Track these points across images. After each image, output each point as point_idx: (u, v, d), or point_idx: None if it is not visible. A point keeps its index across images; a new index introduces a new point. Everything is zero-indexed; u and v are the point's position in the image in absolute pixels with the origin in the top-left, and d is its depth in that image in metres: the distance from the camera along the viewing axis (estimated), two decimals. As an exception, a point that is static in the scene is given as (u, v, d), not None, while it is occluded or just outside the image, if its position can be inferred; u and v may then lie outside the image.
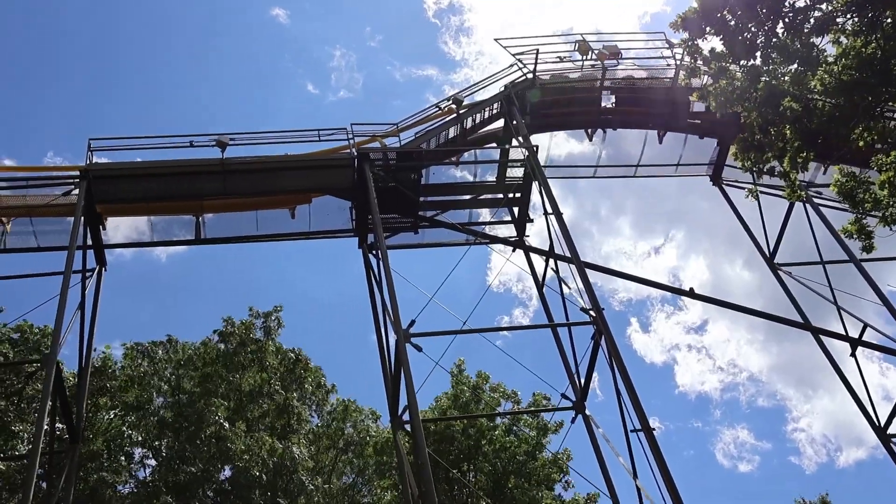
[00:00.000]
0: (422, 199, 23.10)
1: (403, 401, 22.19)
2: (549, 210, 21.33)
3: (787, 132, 13.26)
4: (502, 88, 23.80)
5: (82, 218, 21.03)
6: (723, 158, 25.08)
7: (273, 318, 29.94)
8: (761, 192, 18.92)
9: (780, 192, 18.69)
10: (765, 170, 14.91)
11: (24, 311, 27.20)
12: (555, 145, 25.63)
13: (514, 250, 23.71)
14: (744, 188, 23.78)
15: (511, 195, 23.39)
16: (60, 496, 20.68)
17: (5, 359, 24.63)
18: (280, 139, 23.28)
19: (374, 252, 22.88)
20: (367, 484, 27.96)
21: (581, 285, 19.91)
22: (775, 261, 24.14)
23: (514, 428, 28.00)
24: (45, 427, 18.67)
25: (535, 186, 22.91)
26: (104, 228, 23.00)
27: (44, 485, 22.52)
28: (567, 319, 21.76)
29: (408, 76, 75.25)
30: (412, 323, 19.00)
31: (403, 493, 21.49)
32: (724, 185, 25.57)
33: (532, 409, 26.70)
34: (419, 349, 20.30)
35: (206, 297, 64.70)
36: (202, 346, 28.35)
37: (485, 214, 24.94)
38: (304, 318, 51.03)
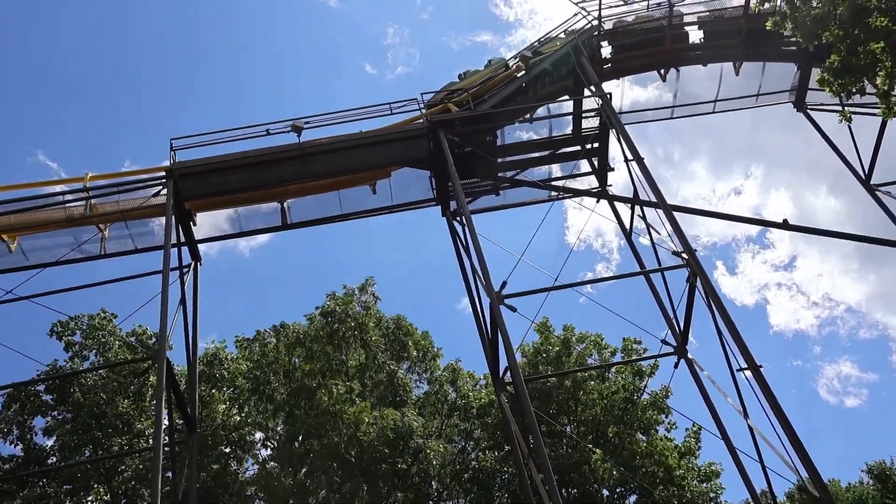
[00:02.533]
0: (499, 160, 23.00)
1: (503, 361, 22.57)
2: (630, 156, 21.01)
3: (878, 50, 12.65)
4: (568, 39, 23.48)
5: (173, 216, 21.70)
6: (805, 83, 24.13)
7: (368, 291, 30.33)
8: (851, 113, 18.19)
9: (871, 111, 17.97)
10: (854, 90, 14.26)
11: (129, 312, 28.21)
12: (619, 95, 25.11)
13: (597, 201, 23.49)
14: (831, 111, 23.03)
15: (589, 146, 23.09)
16: (185, 484, 21.62)
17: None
18: (352, 117, 23.44)
19: (458, 218, 22.97)
20: (477, 448, 28.27)
21: (670, 229, 19.61)
22: (871, 182, 23.25)
23: (611, 374, 27.83)
24: (164, 420, 19.52)
25: (612, 135, 22.64)
26: (195, 224, 23.65)
27: (169, 475, 23.49)
28: (659, 265, 21.51)
29: (463, 44, 74.68)
30: (504, 284, 19.04)
31: (513, 453, 21.70)
32: (808, 110, 24.67)
33: (635, 358, 26.52)
34: (513, 310, 20.38)
35: (293, 285, 66.18)
36: (309, 324, 28.92)
37: (564, 169, 24.73)
38: (391, 292, 51.64)
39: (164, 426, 19.31)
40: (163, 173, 22.27)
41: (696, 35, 23.90)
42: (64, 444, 26.19)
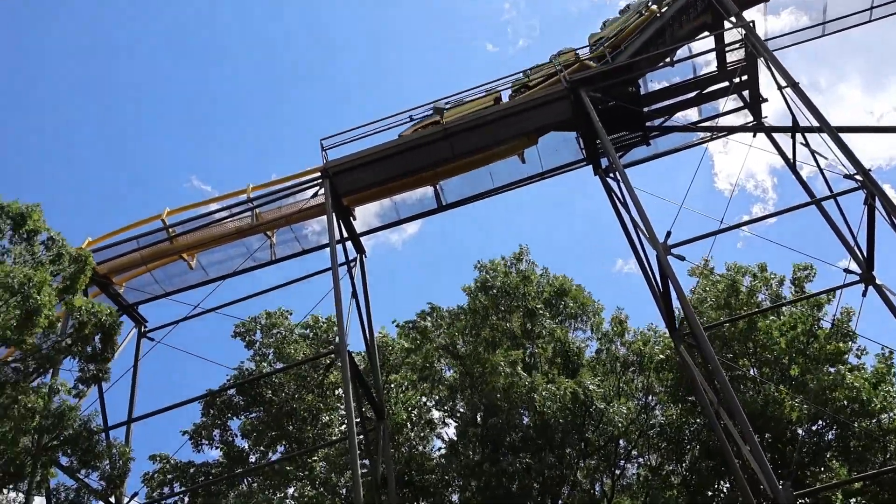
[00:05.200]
0: (645, 109, 22.49)
1: (677, 312, 22.17)
2: (784, 83, 20.15)
3: None
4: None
5: (334, 213, 22.43)
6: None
7: (524, 260, 30.28)
8: None
9: None
10: None
11: (300, 312, 29.41)
12: (760, 27, 23.77)
13: (754, 135, 22.58)
14: None
15: (737, 80, 22.23)
16: (382, 469, 22.44)
17: (304, 356, 26.92)
18: (489, 91, 23.55)
19: (611, 175, 22.66)
20: (660, 402, 27.89)
21: (837, 152, 18.72)
22: None
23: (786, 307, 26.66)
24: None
25: (760, 65, 21.75)
26: (354, 219, 24.38)
27: (365, 462, 24.43)
28: (831, 191, 20.52)
29: (582, 6, 72.61)
30: (668, 235, 18.80)
31: (700, 403, 21.34)
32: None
33: (821, 290, 25.36)
34: (682, 259, 20.10)
35: (451, 270, 66.80)
36: (470, 300, 29.20)
37: (704, 112, 24.00)
38: (545, 262, 51.16)
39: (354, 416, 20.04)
40: (318, 174, 23.08)
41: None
42: (260, 441, 27.62)
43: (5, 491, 19.53)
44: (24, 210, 18.97)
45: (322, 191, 22.90)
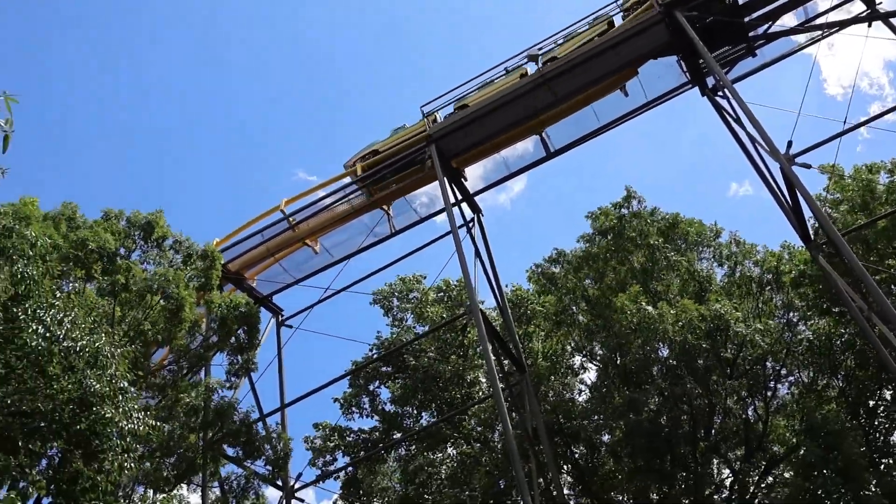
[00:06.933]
0: (746, 19, 21.53)
1: (810, 223, 21.37)
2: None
3: None
4: None
5: (445, 177, 22.55)
6: None
7: (635, 197, 29.58)
8: None
9: None
10: None
11: (432, 277, 29.74)
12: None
13: (869, 25, 21.24)
14: None
15: (843, -32, 21.00)
16: (532, 421, 22.70)
17: (441, 318, 27.39)
18: (582, 28, 23.09)
19: (719, 94, 21.91)
20: (804, 318, 26.81)
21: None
22: None
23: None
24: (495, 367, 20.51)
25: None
26: (465, 179, 24.47)
27: (514, 415, 24.68)
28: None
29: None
30: (790, 145, 18.20)
31: (850, 311, 20.47)
32: None
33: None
34: (808, 167, 19.50)
35: (563, 220, 66.22)
36: (587, 245, 28.89)
37: (798, 17, 22.76)
38: (658, 198, 49.72)
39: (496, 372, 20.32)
40: (423, 143, 23.18)
41: None
42: (411, 405, 28.38)
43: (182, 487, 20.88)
44: (150, 218, 20.08)
45: (430, 157, 23.04)
